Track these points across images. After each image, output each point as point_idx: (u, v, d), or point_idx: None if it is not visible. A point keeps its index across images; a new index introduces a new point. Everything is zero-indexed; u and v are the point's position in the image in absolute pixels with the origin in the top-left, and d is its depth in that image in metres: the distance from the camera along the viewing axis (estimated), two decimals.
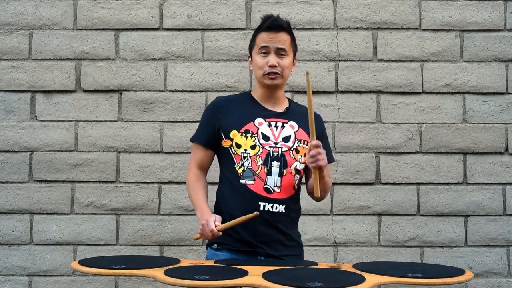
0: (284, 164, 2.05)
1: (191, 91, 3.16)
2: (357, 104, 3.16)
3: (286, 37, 2.08)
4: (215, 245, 2.08)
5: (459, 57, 3.17)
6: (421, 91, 3.16)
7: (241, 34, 3.17)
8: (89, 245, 3.12)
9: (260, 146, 2.05)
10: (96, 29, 3.18)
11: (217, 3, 3.19)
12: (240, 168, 2.04)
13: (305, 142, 2.10)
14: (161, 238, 3.11)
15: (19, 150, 3.15)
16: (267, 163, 2.04)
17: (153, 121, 3.16)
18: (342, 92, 3.16)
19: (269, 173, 2.03)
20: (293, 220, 2.11)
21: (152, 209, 3.13)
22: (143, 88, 3.17)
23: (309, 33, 3.17)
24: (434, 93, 3.16)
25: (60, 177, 3.14)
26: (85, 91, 3.17)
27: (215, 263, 1.94)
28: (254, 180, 2.03)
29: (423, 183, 3.13)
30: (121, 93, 3.17)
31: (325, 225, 3.10)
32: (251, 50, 2.15)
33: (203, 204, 2.06)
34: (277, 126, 2.09)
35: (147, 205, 3.13)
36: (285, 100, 2.19)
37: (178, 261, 1.94)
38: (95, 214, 3.13)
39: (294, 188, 2.08)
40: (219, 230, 1.92)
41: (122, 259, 2.04)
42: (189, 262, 1.96)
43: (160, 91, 3.17)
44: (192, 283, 1.60)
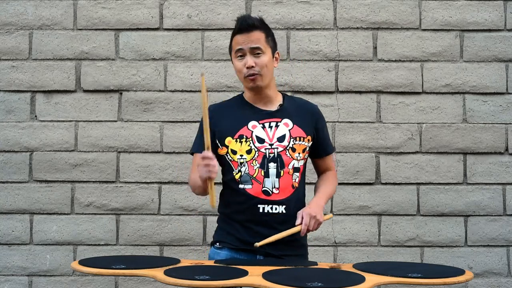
0: (281, 165, 2.04)
1: (191, 91, 3.16)
2: (357, 104, 3.16)
3: (259, 35, 2.06)
4: (217, 243, 2.11)
5: (459, 57, 3.17)
6: (421, 91, 3.16)
7: None
8: (89, 245, 3.12)
9: (256, 149, 2.04)
10: (96, 29, 3.18)
11: (217, 3, 3.19)
12: (237, 174, 2.05)
13: (301, 139, 2.09)
14: (161, 238, 3.11)
15: (19, 150, 3.15)
16: (263, 165, 2.04)
17: (153, 121, 3.16)
18: (342, 92, 3.16)
19: (266, 175, 2.03)
20: (295, 220, 2.08)
21: (152, 209, 3.13)
22: (143, 88, 3.17)
23: (309, 33, 3.17)
24: (434, 93, 3.16)
25: (60, 177, 3.14)
26: (85, 91, 3.17)
27: (215, 263, 1.94)
28: (252, 184, 2.03)
29: (423, 183, 3.13)
30: (121, 93, 3.17)
31: (325, 225, 3.10)
32: (231, 55, 2.15)
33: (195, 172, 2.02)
34: (271, 127, 2.08)
35: (147, 205, 3.13)
36: (277, 97, 2.16)
37: (178, 261, 1.94)
38: (95, 214, 3.13)
39: (294, 187, 2.07)
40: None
41: (122, 259, 2.04)
42: (189, 262, 1.96)
43: (160, 91, 3.17)
44: (192, 283, 1.60)
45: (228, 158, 2.07)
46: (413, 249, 3.11)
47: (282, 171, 2.04)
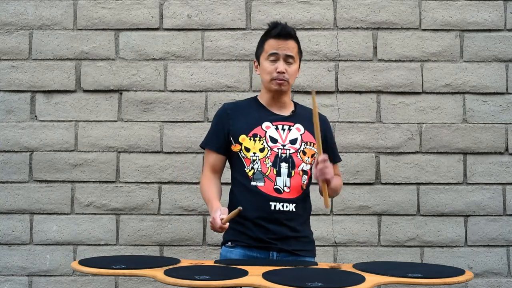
0: (292, 165, 2.12)
1: (191, 91, 3.16)
2: (357, 104, 3.16)
3: (294, 44, 2.17)
4: (229, 243, 2.15)
5: (459, 57, 3.17)
6: (421, 91, 3.16)
7: (241, 34, 3.17)
8: (89, 245, 3.12)
9: (269, 148, 2.12)
10: (96, 29, 3.18)
11: (217, 3, 3.19)
12: (250, 171, 2.11)
13: (311, 144, 2.18)
14: (161, 238, 3.11)
15: (19, 150, 3.15)
16: (276, 164, 2.10)
17: (153, 121, 3.16)
18: (342, 92, 3.16)
19: (278, 174, 2.10)
20: (303, 218, 2.17)
21: (152, 209, 3.13)
22: (143, 88, 3.17)
23: (309, 33, 3.17)
24: (434, 93, 3.16)
25: (60, 177, 3.14)
26: (85, 91, 3.17)
27: (215, 263, 1.94)
28: (264, 182, 2.10)
29: (423, 183, 3.13)
30: (121, 93, 3.17)
31: (325, 225, 3.10)
32: (258, 56, 2.22)
33: (212, 198, 2.11)
34: (284, 129, 2.16)
35: (147, 205, 3.13)
36: (291, 104, 2.26)
37: (178, 261, 1.94)
38: (95, 214, 3.13)
39: (302, 188, 2.15)
40: (224, 222, 1.96)
41: (122, 259, 2.04)
42: (189, 262, 1.96)
43: (160, 91, 3.17)
44: (192, 283, 1.60)
45: (241, 155, 2.13)
46: (413, 249, 3.11)
47: (293, 172, 2.12)
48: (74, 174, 3.14)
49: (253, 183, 2.10)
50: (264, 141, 2.12)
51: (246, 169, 2.12)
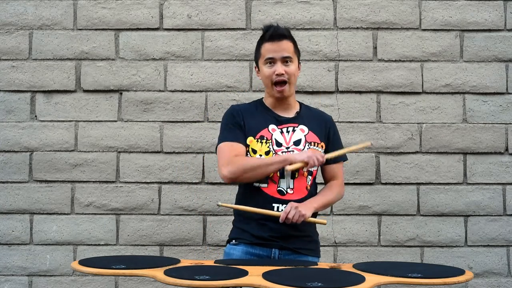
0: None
1: (191, 91, 3.16)
2: (357, 104, 3.16)
3: (288, 44, 2.17)
4: (233, 241, 2.18)
5: (459, 57, 3.17)
6: (421, 91, 3.16)
7: (241, 34, 3.17)
8: (89, 245, 3.12)
9: (274, 152, 2.13)
10: (96, 29, 3.18)
11: (217, 3, 3.19)
12: None
13: (315, 144, 2.18)
14: (161, 238, 3.11)
15: (19, 150, 3.15)
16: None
17: (153, 121, 3.16)
18: (342, 92, 3.16)
19: (282, 176, 2.11)
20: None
21: (152, 209, 3.13)
22: (143, 88, 3.17)
23: (309, 33, 3.17)
24: (434, 93, 3.16)
25: (60, 177, 3.14)
26: (85, 91, 3.17)
27: (215, 263, 1.95)
28: (268, 184, 2.11)
29: (423, 183, 3.13)
30: (121, 93, 3.17)
31: (325, 225, 3.10)
32: (257, 61, 2.23)
33: (270, 156, 2.12)
34: (288, 131, 2.17)
35: (147, 205, 3.13)
36: (296, 105, 2.27)
37: (178, 261, 1.95)
38: (95, 214, 3.13)
39: (307, 189, 2.16)
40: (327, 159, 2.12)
41: (122, 259, 2.04)
42: (189, 262, 1.96)
43: (160, 91, 3.17)
44: (192, 283, 1.60)
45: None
46: (413, 249, 3.11)
47: (297, 173, 2.12)
48: (74, 174, 3.14)
49: (256, 184, 2.12)
50: (270, 144, 2.14)
51: None
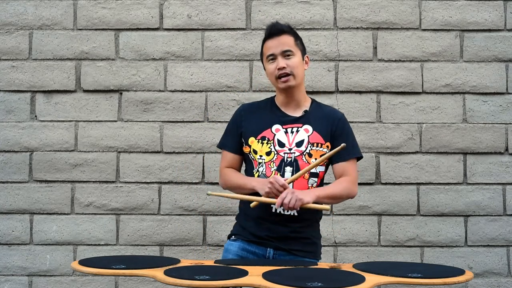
0: (297, 169, 2.10)
1: (191, 91, 3.16)
2: (357, 104, 3.16)
3: (288, 38, 2.16)
4: (233, 236, 2.20)
5: (459, 57, 3.17)
6: (421, 91, 3.16)
7: (241, 34, 3.17)
8: (89, 245, 3.12)
9: (275, 152, 2.12)
10: (96, 29, 3.18)
11: (217, 3, 3.19)
12: (256, 173, 2.13)
13: (318, 145, 2.14)
14: (161, 238, 3.11)
15: (19, 150, 3.15)
16: (280, 168, 2.10)
17: (153, 121, 3.16)
18: (342, 92, 3.16)
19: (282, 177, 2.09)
20: (310, 221, 2.15)
21: (152, 209, 3.13)
22: (143, 88, 3.17)
23: (309, 33, 3.17)
24: (434, 93, 3.16)
25: (60, 177, 3.14)
26: (85, 91, 3.17)
27: (215, 263, 1.95)
28: None
29: (423, 183, 3.13)
30: (121, 93, 3.17)
31: (325, 225, 3.10)
32: (262, 61, 2.24)
33: (250, 177, 2.13)
34: (292, 132, 2.15)
35: (147, 205, 3.13)
36: (306, 102, 2.23)
37: (178, 261, 1.95)
38: (95, 214, 3.13)
39: None
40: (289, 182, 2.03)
41: (122, 259, 2.04)
42: (189, 262, 1.96)
43: (160, 91, 3.17)
44: (192, 283, 1.60)
45: (251, 157, 2.16)
46: (413, 249, 3.11)
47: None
48: (74, 174, 3.14)
49: None
50: (272, 144, 2.12)
51: (254, 170, 2.14)
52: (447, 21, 3.18)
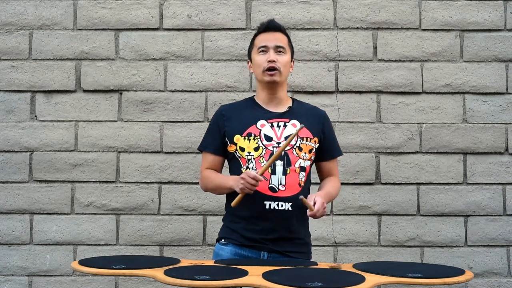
0: (288, 162, 2.09)
1: (191, 91, 3.16)
2: (357, 104, 3.16)
3: (282, 36, 2.18)
4: (222, 240, 2.16)
5: (459, 57, 3.17)
6: (421, 91, 3.16)
7: (241, 34, 3.17)
8: (89, 245, 3.12)
9: (263, 147, 2.11)
10: (96, 29, 3.18)
11: (217, 3, 3.19)
12: (246, 170, 2.10)
13: (307, 139, 2.15)
14: (161, 238, 3.11)
15: (19, 150, 3.15)
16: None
17: (153, 121, 3.16)
18: (342, 92, 3.16)
19: (273, 172, 2.08)
20: (300, 218, 2.14)
21: (152, 209, 3.13)
22: (143, 88, 3.17)
23: (309, 33, 3.17)
24: (434, 93, 3.16)
25: (60, 177, 3.14)
26: (85, 91, 3.17)
27: (215, 263, 1.95)
28: None
29: (423, 183, 3.13)
30: (121, 93, 3.17)
31: (325, 225, 3.10)
32: (250, 54, 2.23)
33: (225, 177, 2.14)
34: (279, 126, 2.14)
35: (147, 205, 3.13)
36: (288, 100, 2.24)
37: (178, 261, 1.95)
38: (95, 214, 3.13)
39: (300, 186, 2.12)
40: (260, 174, 1.99)
41: (122, 259, 2.04)
42: (189, 262, 1.96)
43: (160, 91, 3.17)
44: (192, 283, 1.60)
45: (237, 155, 2.14)
46: (413, 249, 3.11)
47: (288, 169, 2.09)
48: (74, 174, 3.14)
49: None
50: (259, 139, 2.11)
51: (242, 168, 2.12)
52: (447, 21, 3.18)
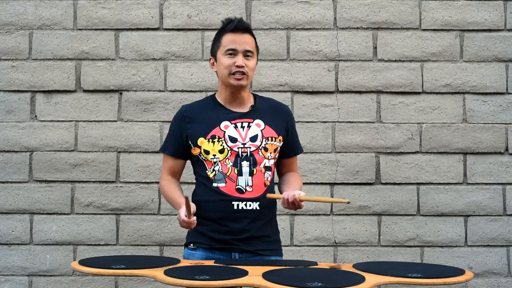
0: (254, 163, 2.10)
1: (191, 91, 3.16)
2: (357, 104, 3.16)
3: (251, 39, 2.15)
4: (191, 244, 2.16)
5: (459, 57, 3.17)
6: (421, 91, 3.16)
7: None
8: (89, 245, 3.12)
9: (229, 148, 2.10)
10: (96, 29, 3.18)
11: (217, 3, 3.19)
12: (211, 173, 2.11)
13: (272, 139, 2.14)
14: (161, 238, 3.11)
15: (19, 150, 3.15)
16: (236, 164, 2.09)
17: (153, 121, 3.16)
18: (342, 92, 3.16)
19: (240, 173, 2.08)
20: (268, 216, 2.15)
21: (152, 209, 3.13)
22: (143, 88, 3.17)
23: (309, 33, 3.17)
24: (434, 93, 3.16)
25: (60, 177, 3.14)
26: (85, 91, 3.17)
27: (215, 263, 1.95)
28: (226, 182, 2.08)
29: (423, 183, 3.13)
30: (121, 93, 3.17)
31: (325, 225, 3.10)
32: (214, 52, 2.17)
33: (177, 197, 2.14)
34: (243, 127, 2.13)
35: (147, 205, 3.13)
36: (250, 98, 2.21)
37: (178, 261, 1.95)
38: (95, 214, 3.13)
39: (266, 185, 2.12)
40: (188, 216, 1.98)
41: (122, 259, 2.05)
42: (189, 262, 1.96)
43: (160, 91, 3.17)
44: (192, 283, 1.60)
45: (202, 158, 2.13)
46: (413, 249, 3.11)
47: (255, 170, 2.10)
48: (74, 174, 3.14)
49: (214, 184, 2.09)
50: (223, 141, 2.10)
51: (207, 171, 2.11)
52: (447, 21, 3.18)
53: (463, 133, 3.14)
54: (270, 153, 2.13)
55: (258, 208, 2.08)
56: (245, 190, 2.07)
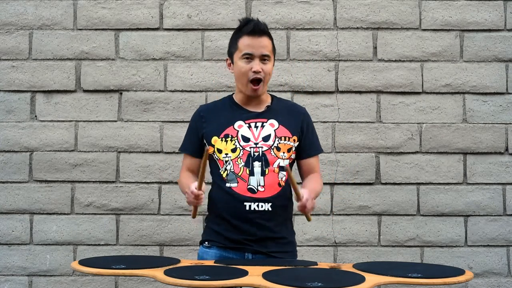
0: (266, 163, 2.08)
1: (191, 91, 3.16)
2: (357, 104, 3.16)
3: (268, 41, 2.12)
4: (206, 242, 2.15)
5: (459, 57, 3.18)
6: (421, 91, 3.16)
7: None
8: (89, 245, 3.12)
9: (241, 148, 2.09)
10: (96, 29, 3.18)
11: (217, 3, 3.19)
12: (224, 172, 2.10)
13: (286, 139, 2.13)
14: (161, 238, 3.11)
15: (19, 150, 3.15)
16: (248, 164, 2.08)
17: (153, 121, 3.16)
18: (342, 92, 3.16)
19: (251, 173, 2.07)
20: (282, 218, 2.13)
21: (152, 209, 3.13)
22: (143, 88, 3.17)
23: (309, 33, 3.17)
24: (434, 93, 3.16)
25: (60, 177, 3.14)
26: (85, 91, 3.17)
27: (215, 263, 1.95)
28: (238, 182, 2.08)
29: (423, 183, 3.13)
30: (121, 93, 3.17)
31: (325, 225, 3.10)
32: (231, 54, 2.17)
33: (192, 183, 2.09)
34: (257, 127, 2.12)
35: (147, 205, 3.13)
36: (267, 98, 2.21)
37: (178, 261, 1.95)
38: (95, 214, 3.13)
39: (280, 185, 2.10)
40: (198, 188, 1.97)
41: (122, 259, 2.05)
42: (189, 262, 1.96)
43: (160, 91, 3.17)
44: (192, 283, 1.60)
45: (215, 157, 2.13)
46: (413, 249, 3.11)
47: (267, 170, 2.08)
48: (74, 174, 3.14)
49: (227, 185, 2.08)
50: (236, 141, 2.09)
51: (220, 170, 2.11)
52: (447, 21, 3.18)
53: (463, 133, 3.14)
54: (284, 152, 2.11)
55: (270, 209, 2.06)
56: (257, 190, 2.06)
